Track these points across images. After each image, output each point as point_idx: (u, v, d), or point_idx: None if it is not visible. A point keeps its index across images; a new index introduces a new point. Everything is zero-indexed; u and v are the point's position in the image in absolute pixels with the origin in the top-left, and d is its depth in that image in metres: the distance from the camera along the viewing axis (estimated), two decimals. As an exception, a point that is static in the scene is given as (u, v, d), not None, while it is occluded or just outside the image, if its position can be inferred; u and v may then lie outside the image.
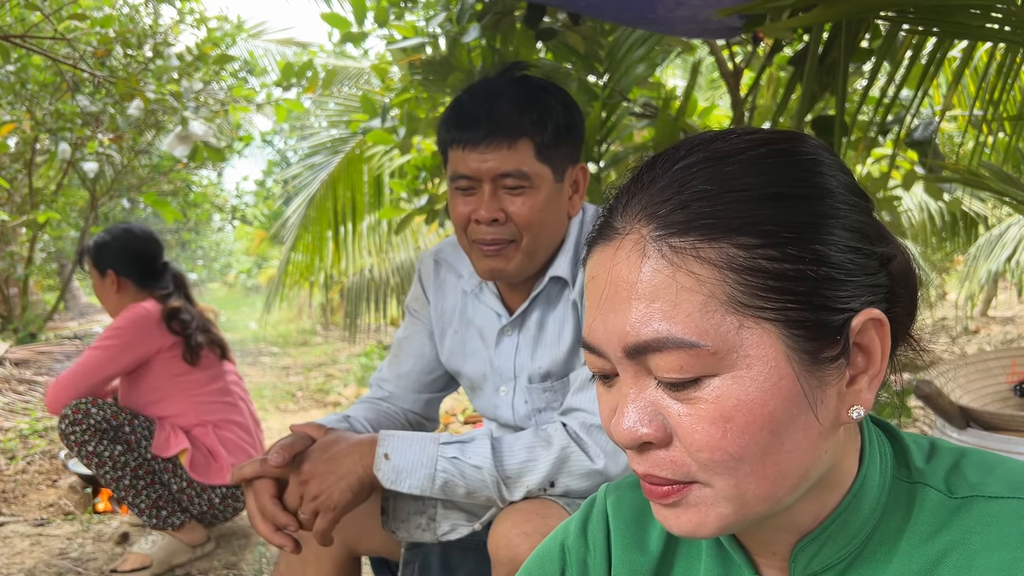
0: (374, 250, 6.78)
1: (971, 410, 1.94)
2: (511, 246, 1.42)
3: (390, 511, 1.44)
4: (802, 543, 0.66)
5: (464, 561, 1.47)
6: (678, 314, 0.58)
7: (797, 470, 0.60)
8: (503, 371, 1.55)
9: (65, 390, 2.58)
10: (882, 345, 0.62)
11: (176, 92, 3.96)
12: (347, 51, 7.54)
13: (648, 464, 0.62)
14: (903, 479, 0.67)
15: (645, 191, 0.62)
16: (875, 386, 0.63)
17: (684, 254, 0.58)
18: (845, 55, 2.13)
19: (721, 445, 0.58)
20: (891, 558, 0.64)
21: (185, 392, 2.74)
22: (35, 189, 7.12)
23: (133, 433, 2.61)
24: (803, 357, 0.59)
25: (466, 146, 1.39)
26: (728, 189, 0.59)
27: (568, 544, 0.80)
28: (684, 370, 0.58)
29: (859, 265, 0.61)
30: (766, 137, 0.63)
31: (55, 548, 2.78)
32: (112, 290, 2.76)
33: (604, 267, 0.62)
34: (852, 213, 0.62)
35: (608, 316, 0.61)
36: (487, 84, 1.47)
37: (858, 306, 0.61)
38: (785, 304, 0.58)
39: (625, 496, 0.79)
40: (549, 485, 1.33)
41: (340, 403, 5.92)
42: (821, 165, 0.63)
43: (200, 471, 2.67)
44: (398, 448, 1.34)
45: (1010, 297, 8.52)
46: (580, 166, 1.48)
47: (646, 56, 3.18)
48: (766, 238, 0.58)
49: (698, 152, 0.62)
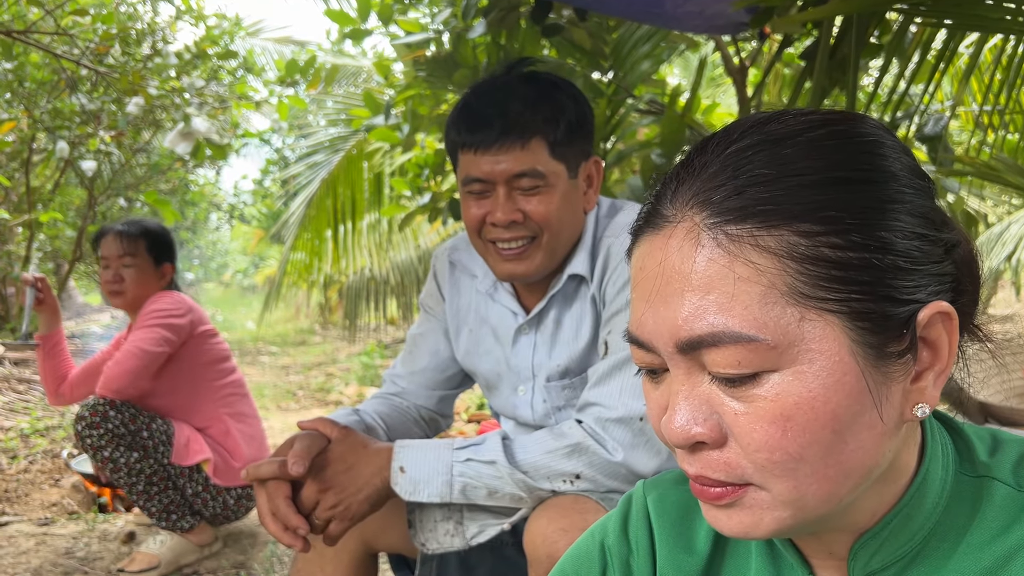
0: (373, 249, 6.76)
1: (990, 406, 1.94)
2: (532, 245, 1.40)
3: (416, 523, 1.42)
4: (862, 540, 0.63)
5: (483, 560, 1.45)
6: (735, 306, 0.55)
7: (860, 470, 0.57)
8: (521, 370, 1.54)
9: (129, 375, 2.51)
10: (950, 339, 0.59)
11: (179, 88, 3.95)
12: (345, 50, 7.53)
13: (700, 465, 0.59)
14: (967, 473, 0.64)
15: (697, 176, 0.59)
16: (941, 383, 0.60)
17: (742, 242, 0.55)
18: (856, 50, 2.13)
19: (781, 445, 0.55)
20: (956, 554, 0.62)
21: (207, 383, 2.74)
22: (32, 188, 7.09)
23: (151, 438, 2.55)
24: (868, 352, 0.56)
25: (478, 149, 1.36)
26: (786, 173, 0.56)
27: (609, 544, 0.77)
28: (742, 365, 0.55)
29: (925, 253, 0.58)
30: (824, 118, 0.60)
31: (61, 547, 2.76)
32: (159, 282, 2.76)
33: (654, 257, 0.59)
34: (917, 197, 0.59)
35: (659, 309, 0.58)
36: (495, 83, 1.43)
37: (924, 297, 0.58)
38: (849, 295, 0.55)
39: (668, 493, 0.76)
40: (575, 478, 1.32)
41: (341, 401, 5.91)
42: (883, 147, 0.60)
43: (222, 475, 2.65)
44: (413, 459, 1.32)
45: (1009, 295, 8.53)
46: (594, 159, 1.46)
47: (651, 53, 3.17)
48: (829, 224, 0.55)
49: (752, 134, 0.59)
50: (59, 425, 4.59)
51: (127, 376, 2.50)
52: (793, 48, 3.30)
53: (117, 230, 2.75)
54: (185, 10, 5.68)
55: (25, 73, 5.48)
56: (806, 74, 2.47)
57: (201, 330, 2.74)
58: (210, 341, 2.77)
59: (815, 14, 1.97)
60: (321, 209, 5.17)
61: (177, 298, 2.70)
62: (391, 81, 3.80)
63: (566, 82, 1.44)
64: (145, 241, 2.74)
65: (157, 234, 2.79)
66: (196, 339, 2.71)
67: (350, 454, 1.32)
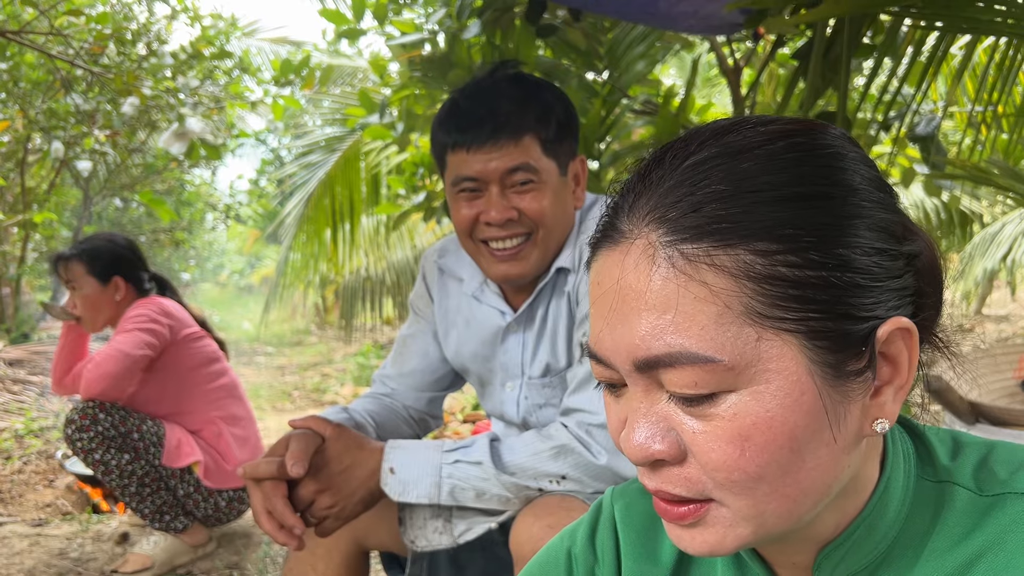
0: (370, 249, 6.76)
1: (981, 406, 1.94)
2: (527, 244, 1.40)
3: (406, 521, 1.43)
4: (825, 551, 0.63)
5: (473, 559, 1.46)
6: (692, 327, 0.54)
7: (819, 487, 0.57)
8: (509, 368, 1.54)
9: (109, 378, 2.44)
10: (910, 354, 0.58)
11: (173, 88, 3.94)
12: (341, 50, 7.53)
13: (660, 480, 0.58)
14: (928, 478, 0.64)
15: (653, 190, 0.58)
16: (901, 397, 0.59)
17: (698, 262, 0.54)
18: (848, 51, 2.13)
19: (739, 465, 0.55)
20: (920, 561, 0.61)
21: (196, 387, 2.71)
22: (28, 188, 7.07)
23: (142, 440, 2.54)
24: (826, 371, 0.55)
25: (470, 147, 1.36)
26: (744, 189, 0.55)
27: (575, 552, 0.77)
28: (699, 386, 0.54)
29: (885, 268, 0.57)
30: (784, 129, 0.59)
31: (54, 548, 2.76)
32: (113, 298, 2.67)
33: (611, 274, 0.58)
34: (877, 211, 0.58)
35: (616, 327, 0.57)
36: (482, 84, 1.43)
37: (884, 313, 0.57)
38: (807, 314, 0.54)
39: (635, 503, 0.76)
40: (561, 479, 1.32)
41: (336, 402, 5.90)
42: (844, 159, 0.59)
43: (214, 478, 2.64)
44: (402, 460, 1.33)
45: (1004, 295, 8.55)
46: (580, 159, 1.47)
47: (646, 53, 3.18)
48: (786, 243, 0.54)
49: (710, 146, 0.58)
50: (53, 426, 4.58)
51: (107, 379, 2.45)
52: (787, 48, 3.31)
53: (56, 257, 2.69)
54: (181, 10, 5.67)
55: (20, 73, 5.47)
56: (799, 74, 2.47)
57: (184, 334, 2.70)
58: (195, 344, 2.73)
59: (808, 16, 1.97)
60: (319, 209, 5.17)
61: (156, 303, 2.65)
62: (386, 80, 3.80)
63: (550, 83, 1.46)
64: (81, 263, 2.64)
65: (94, 251, 2.67)
66: (179, 343, 2.67)
67: (345, 454, 1.32)
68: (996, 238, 5.50)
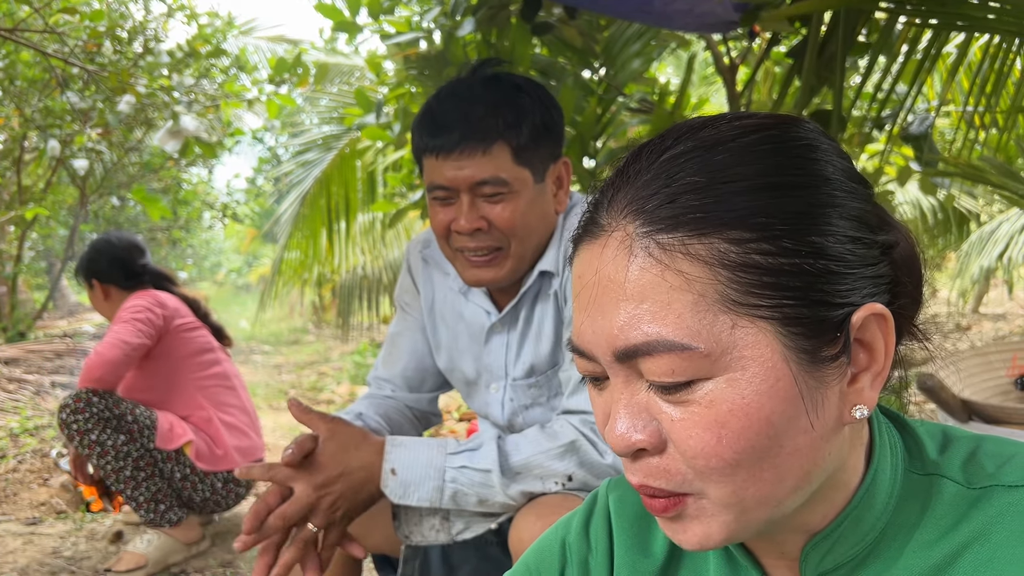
0: (367, 248, 6.76)
1: (974, 404, 1.94)
2: (500, 254, 1.37)
3: (402, 516, 1.41)
4: (812, 542, 0.64)
5: (466, 559, 1.45)
6: (668, 315, 0.55)
7: (797, 473, 0.58)
8: (493, 369, 1.53)
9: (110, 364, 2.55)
10: (885, 341, 0.59)
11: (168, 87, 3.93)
12: (338, 48, 7.51)
13: (642, 474, 0.59)
14: (916, 471, 0.64)
15: (631, 184, 0.59)
16: (879, 384, 0.60)
17: (672, 252, 0.55)
18: (842, 48, 2.13)
19: (716, 451, 0.56)
20: (906, 552, 0.62)
21: (186, 376, 2.78)
22: (24, 187, 7.06)
23: (135, 423, 2.60)
24: (801, 357, 0.56)
25: (439, 154, 1.33)
26: (718, 180, 0.56)
27: (569, 541, 0.77)
28: (676, 374, 0.55)
29: (859, 256, 0.58)
30: (758, 123, 0.60)
31: (48, 547, 2.75)
32: (100, 297, 2.86)
33: (591, 267, 0.59)
34: (851, 200, 0.59)
35: (596, 319, 0.58)
36: (458, 86, 1.40)
37: (859, 300, 0.58)
38: (781, 301, 0.55)
39: (628, 495, 0.77)
40: (567, 479, 1.31)
41: (334, 401, 5.90)
42: (817, 151, 0.60)
43: (205, 459, 2.70)
44: (404, 461, 1.31)
45: (1001, 294, 8.56)
46: (563, 161, 1.43)
47: (642, 51, 3.17)
48: (759, 231, 0.55)
49: (686, 141, 0.59)
50: (48, 424, 4.57)
51: (108, 365, 2.55)
52: (783, 46, 3.30)
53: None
54: (177, 7, 5.67)
55: (16, 71, 5.46)
56: (794, 72, 2.47)
57: (177, 324, 2.79)
58: (188, 335, 2.82)
59: (801, 8, 1.97)
60: (315, 207, 5.16)
61: (150, 295, 2.77)
62: (382, 79, 3.79)
63: (532, 84, 1.41)
64: (78, 273, 2.90)
65: (80, 261, 2.90)
66: (173, 332, 2.77)
67: (342, 455, 1.30)
68: (993, 236, 5.51)
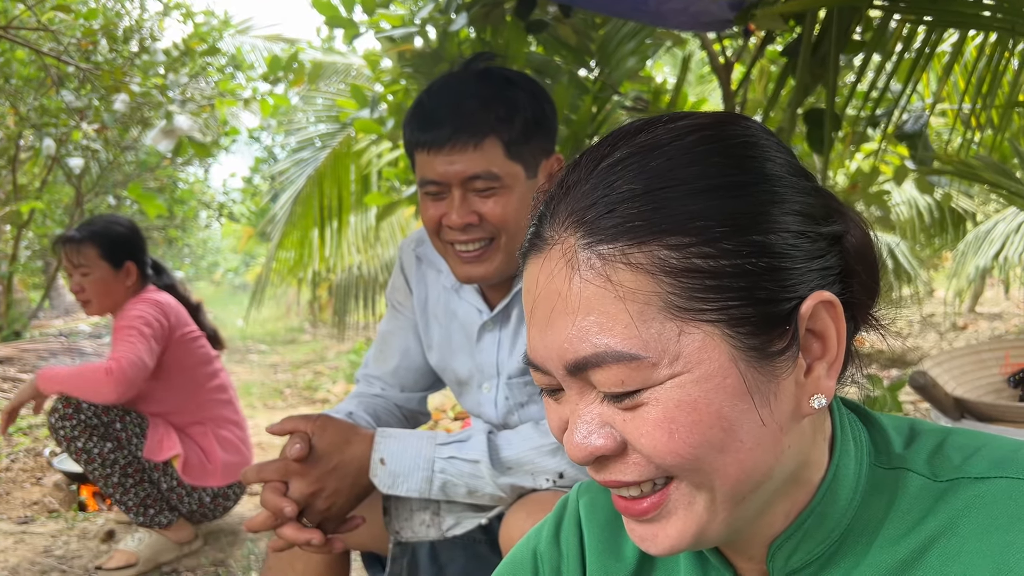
0: (362, 247, 6.74)
1: (966, 401, 1.94)
2: (491, 247, 1.37)
3: (392, 511, 1.41)
4: (777, 542, 0.63)
5: (454, 557, 1.44)
6: (615, 326, 0.55)
7: (761, 467, 0.57)
8: (485, 368, 1.52)
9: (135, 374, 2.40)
10: (836, 328, 0.59)
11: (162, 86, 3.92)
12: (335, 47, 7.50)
13: (609, 472, 0.59)
14: (881, 465, 0.64)
15: (571, 195, 0.59)
16: (835, 372, 0.60)
17: (614, 262, 0.55)
18: (836, 47, 2.12)
19: (670, 448, 0.55)
20: (874, 548, 0.62)
21: (187, 389, 2.69)
22: (20, 186, 7.05)
23: (124, 430, 2.55)
24: (750, 355, 0.56)
25: (431, 149, 1.33)
26: (654, 187, 0.56)
27: (541, 550, 0.77)
28: (626, 383, 0.55)
29: (804, 250, 0.57)
30: (694, 124, 0.60)
31: (39, 546, 2.74)
32: (125, 283, 2.63)
33: (538, 281, 0.59)
34: (793, 195, 0.58)
35: (546, 333, 0.58)
36: (449, 80, 1.40)
37: (806, 292, 0.57)
38: (726, 303, 0.55)
39: (599, 498, 0.76)
40: (558, 477, 1.30)
41: (329, 400, 5.89)
42: (755, 147, 0.59)
43: (193, 474, 2.62)
44: (394, 452, 1.31)
45: (997, 293, 8.57)
46: (555, 157, 1.42)
47: (637, 49, 3.17)
48: (698, 235, 0.55)
49: (623, 147, 0.59)
50: (42, 424, 4.55)
51: (132, 386, 2.42)
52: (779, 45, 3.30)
53: (64, 239, 2.61)
54: (173, 6, 5.65)
55: (12, 70, 5.44)
56: (788, 70, 2.46)
57: (181, 333, 2.67)
58: (191, 345, 2.71)
59: (795, 6, 1.96)
60: (308, 206, 5.15)
61: (154, 303, 2.61)
62: (377, 75, 3.79)
63: (524, 78, 1.41)
64: (95, 247, 2.60)
65: (109, 235, 2.63)
66: (176, 343, 2.65)
67: (334, 451, 1.30)
68: (989, 236, 5.51)
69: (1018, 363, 2.22)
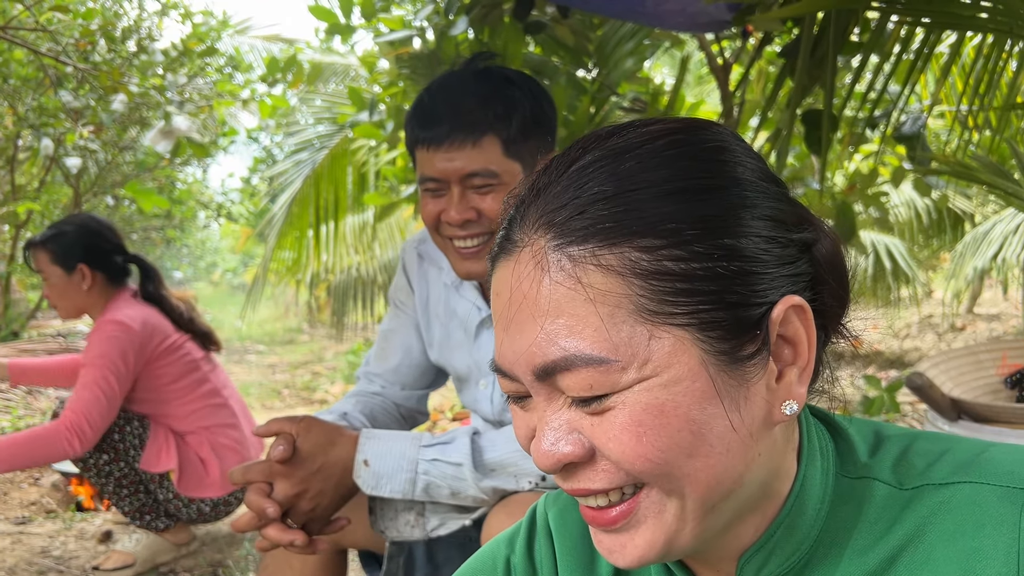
0: (361, 248, 6.75)
1: (963, 402, 1.94)
2: (489, 243, 1.38)
3: (378, 511, 1.42)
4: (748, 554, 0.63)
5: (450, 557, 1.45)
6: (585, 329, 0.54)
7: (731, 474, 0.57)
8: (483, 365, 1.53)
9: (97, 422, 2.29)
10: (807, 333, 0.58)
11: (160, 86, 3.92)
12: (334, 47, 7.50)
13: (577, 480, 0.58)
14: (847, 475, 0.63)
15: (541, 197, 0.58)
16: (806, 378, 0.59)
17: (584, 264, 0.54)
18: (834, 48, 2.13)
19: (639, 451, 0.55)
20: (844, 560, 0.61)
21: (175, 400, 2.59)
22: (18, 186, 7.04)
23: (122, 441, 2.49)
24: (720, 359, 0.55)
25: (431, 146, 1.35)
26: (625, 188, 0.56)
27: (515, 562, 0.76)
28: (594, 388, 0.55)
29: (775, 256, 0.57)
30: (665, 128, 0.60)
31: (37, 546, 2.74)
32: (80, 287, 2.47)
33: (507, 284, 0.58)
34: (764, 200, 0.58)
35: (515, 337, 0.57)
36: (450, 79, 1.42)
37: (776, 297, 0.57)
38: (697, 307, 0.55)
39: (568, 510, 0.75)
40: (540, 479, 1.31)
41: (327, 400, 5.89)
42: (726, 152, 0.59)
43: (190, 486, 2.55)
44: (377, 453, 1.31)
45: (995, 294, 8.57)
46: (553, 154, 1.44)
47: (635, 50, 3.17)
48: (669, 237, 0.54)
49: (594, 151, 0.59)
50: (40, 424, 4.55)
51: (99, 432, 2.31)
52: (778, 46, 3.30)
53: (25, 245, 2.52)
54: (171, 6, 5.65)
55: (10, 70, 5.44)
56: (787, 71, 2.47)
57: (155, 347, 2.51)
58: (174, 355, 2.56)
59: (793, 10, 1.96)
60: (304, 207, 5.15)
61: (122, 327, 2.41)
62: (375, 77, 3.79)
63: (523, 77, 1.42)
64: (46, 252, 2.46)
65: (56, 239, 2.47)
66: (151, 360, 2.50)
67: (318, 452, 1.30)
68: (987, 237, 5.52)
69: (1015, 364, 2.22)
